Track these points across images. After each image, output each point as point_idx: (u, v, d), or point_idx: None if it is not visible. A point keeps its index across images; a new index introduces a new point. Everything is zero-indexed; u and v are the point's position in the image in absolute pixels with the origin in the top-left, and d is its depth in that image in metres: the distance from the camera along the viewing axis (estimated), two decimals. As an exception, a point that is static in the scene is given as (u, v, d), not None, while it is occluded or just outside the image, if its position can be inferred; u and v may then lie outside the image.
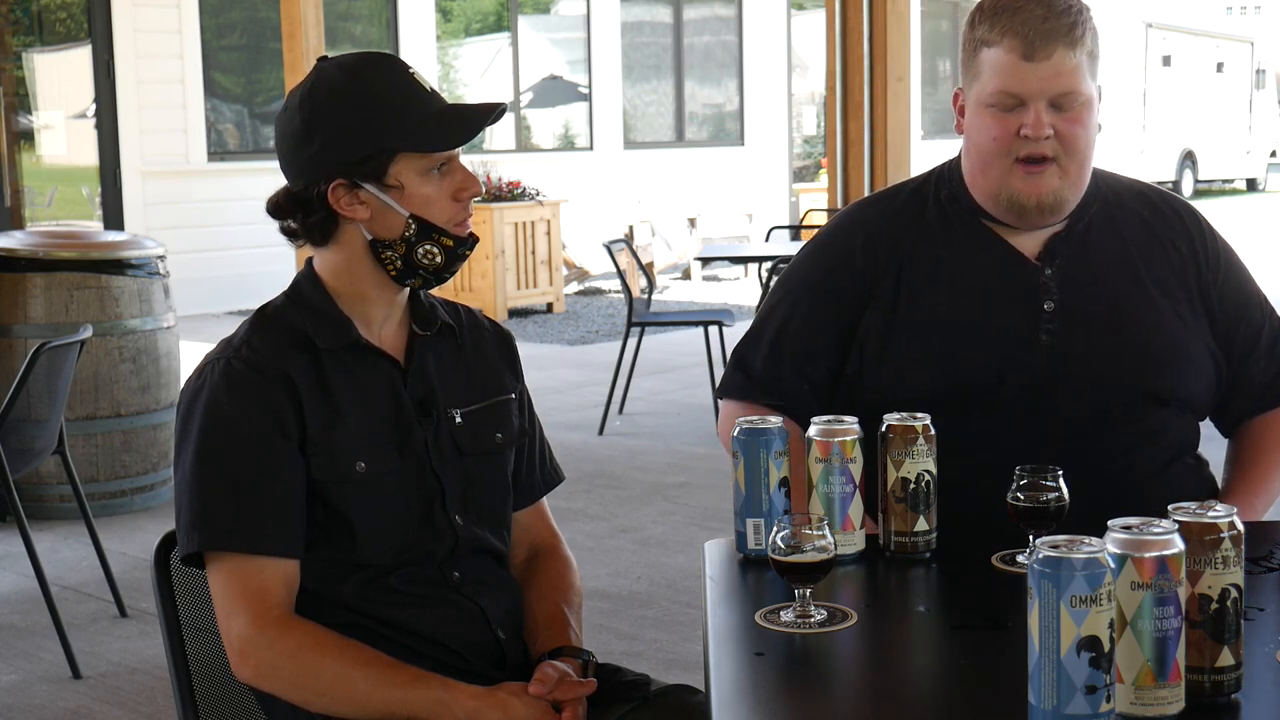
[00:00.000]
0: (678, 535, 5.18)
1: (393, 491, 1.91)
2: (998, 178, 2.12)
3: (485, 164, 11.67)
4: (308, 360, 1.90)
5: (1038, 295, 2.15)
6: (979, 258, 2.18)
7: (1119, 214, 2.22)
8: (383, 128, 1.85)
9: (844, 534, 1.93)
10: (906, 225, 2.23)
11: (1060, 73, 2.05)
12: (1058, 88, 2.06)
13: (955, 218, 2.21)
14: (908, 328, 2.17)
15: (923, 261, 2.20)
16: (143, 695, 3.76)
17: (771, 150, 16.15)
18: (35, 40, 11.04)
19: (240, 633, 1.81)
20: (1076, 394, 2.12)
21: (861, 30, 7.08)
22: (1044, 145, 2.07)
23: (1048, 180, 2.10)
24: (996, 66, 2.07)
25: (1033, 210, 2.12)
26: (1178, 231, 2.23)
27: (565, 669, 1.87)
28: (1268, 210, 22.85)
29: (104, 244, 5.52)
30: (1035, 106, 2.06)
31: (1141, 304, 2.16)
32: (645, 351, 7.88)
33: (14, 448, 4.00)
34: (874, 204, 2.33)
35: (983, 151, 2.13)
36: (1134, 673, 1.39)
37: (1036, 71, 2.05)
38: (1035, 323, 2.14)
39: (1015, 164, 2.09)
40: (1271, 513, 2.30)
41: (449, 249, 1.91)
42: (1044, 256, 2.17)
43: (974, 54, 2.12)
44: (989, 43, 2.09)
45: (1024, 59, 2.05)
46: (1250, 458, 2.26)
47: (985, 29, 2.09)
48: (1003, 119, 2.09)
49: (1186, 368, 2.16)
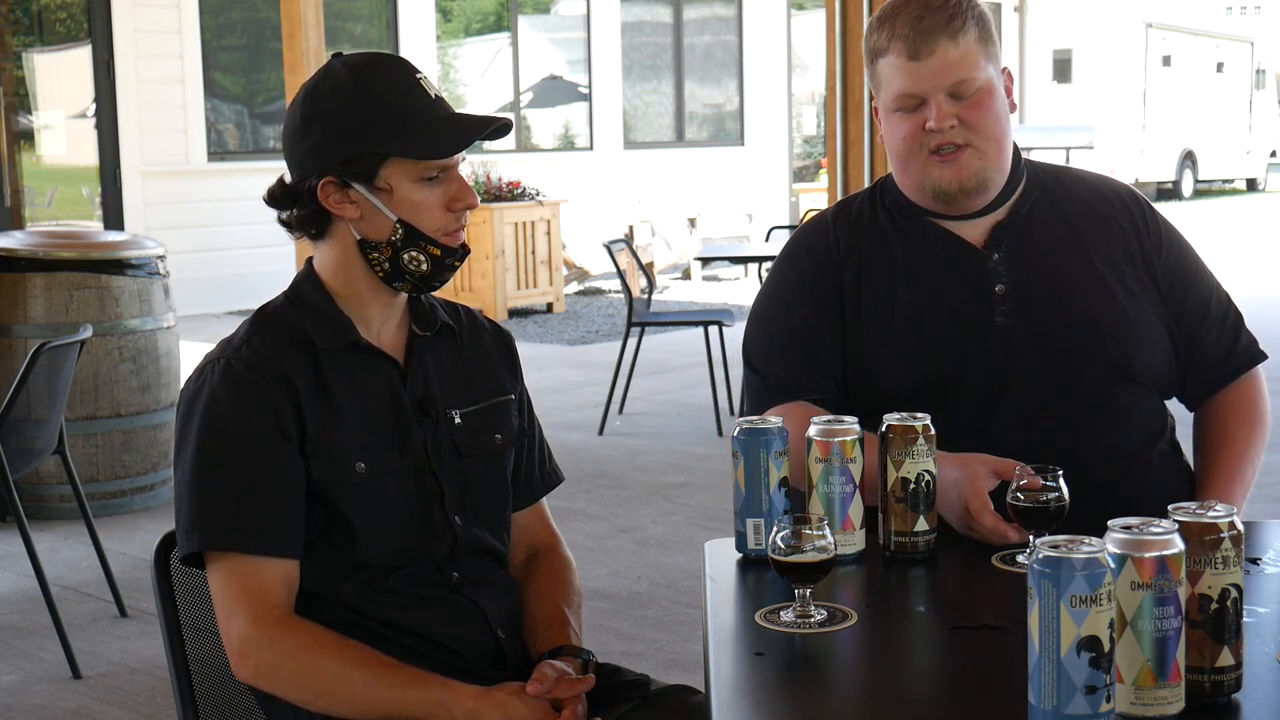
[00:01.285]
0: (678, 535, 5.18)
1: (392, 492, 1.91)
2: (917, 172, 2.21)
3: (485, 164, 11.67)
4: (307, 360, 1.90)
5: (988, 279, 2.22)
6: (929, 251, 2.26)
7: (1060, 198, 2.30)
8: (375, 130, 1.85)
9: (844, 534, 1.93)
10: (862, 227, 2.32)
11: (948, 64, 2.14)
12: (950, 79, 2.15)
13: (901, 219, 2.29)
14: (875, 322, 2.24)
15: (880, 259, 2.27)
16: (143, 695, 3.76)
17: (771, 150, 16.15)
18: (35, 40, 11.04)
19: (240, 633, 1.81)
20: (1039, 373, 2.18)
21: (861, 30, 7.08)
22: (951, 135, 2.16)
23: (966, 163, 2.18)
24: (891, 72, 2.18)
25: (957, 194, 2.20)
26: (1118, 210, 2.30)
27: (564, 668, 1.87)
28: (1268, 210, 22.85)
29: (104, 244, 5.52)
30: (934, 100, 2.15)
31: (1091, 279, 2.23)
32: (645, 351, 7.88)
33: (14, 448, 4.00)
34: (831, 212, 2.40)
35: (898, 152, 2.22)
36: (1134, 673, 1.39)
37: (926, 68, 2.15)
38: (989, 306, 2.21)
39: (930, 156, 2.18)
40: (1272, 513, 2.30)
41: (436, 258, 1.90)
42: (990, 243, 2.24)
43: (873, 64, 2.23)
44: (881, 51, 2.20)
45: (911, 59, 2.15)
46: (1219, 443, 2.28)
47: (875, 38, 2.21)
48: (908, 119, 2.18)
49: (1142, 335, 2.22)
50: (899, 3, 2.20)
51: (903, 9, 2.17)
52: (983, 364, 2.18)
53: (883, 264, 2.26)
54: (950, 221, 2.25)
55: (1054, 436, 2.14)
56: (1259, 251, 15.90)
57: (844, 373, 2.25)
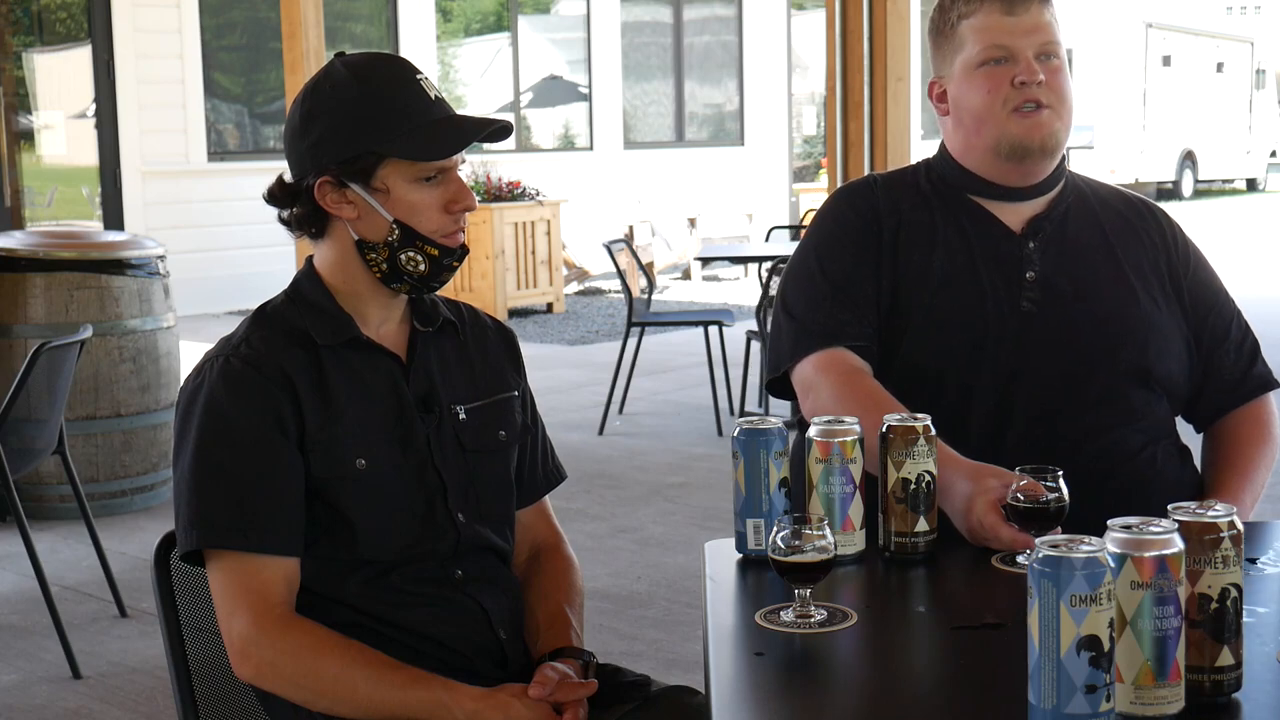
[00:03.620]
0: (678, 535, 5.18)
1: (394, 488, 1.91)
2: (996, 130, 2.23)
3: (485, 164, 11.67)
4: (307, 358, 1.89)
5: (1020, 265, 2.25)
6: (969, 227, 2.28)
7: (1095, 204, 2.34)
8: (372, 130, 1.85)
9: (844, 534, 1.93)
10: (903, 192, 2.35)
11: (1040, 25, 2.22)
12: (1041, 38, 2.21)
13: (947, 193, 2.32)
14: (907, 285, 2.26)
15: (919, 225, 2.30)
16: (143, 695, 3.76)
17: (771, 150, 16.15)
18: (35, 40, 11.04)
19: (241, 631, 1.81)
20: (1055, 364, 2.19)
21: (861, 30, 7.07)
22: (1038, 91, 2.20)
23: (1046, 121, 2.22)
24: (981, 28, 2.22)
25: (1036, 151, 2.23)
26: (1150, 224, 2.35)
27: (566, 670, 1.86)
28: (1268, 210, 22.85)
29: (104, 244, 5.52)
30: (1025, 56, 2.20)
31: (1119, 283, 2.26)
32: (645, 351, 7.88)
33: (14, 448, 4.00)
34: (878, 175, 2.45)
35: (977, 111, 2.24)
36: (1134, 672, 1.39)
37: (1020, 24, 2.21)
38: (1017, 290, 2.23)
39: (1012, 113, 2.21)
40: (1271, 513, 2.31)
41: (434, 258, 1.90)
42: (1027, 231, 2.27)
43: (952, 32, 2.26)
44: (967, 14, 2.24)
45: (1006, 14, 2.21)
46: (1233, 451, 2.29)
47: (961, 5, 2.25)
48: (994, 74, 2.21)
49: (1162, 346, 2.24)
50: None
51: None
52: (1003, 346, 2.20)
53: (922, 230, 2.29)
54: (993, 203, 2.28)
55: (1063, 429, 2.16)
56: (1259, 251, 15.89)
57: (879, 324, 2.25)
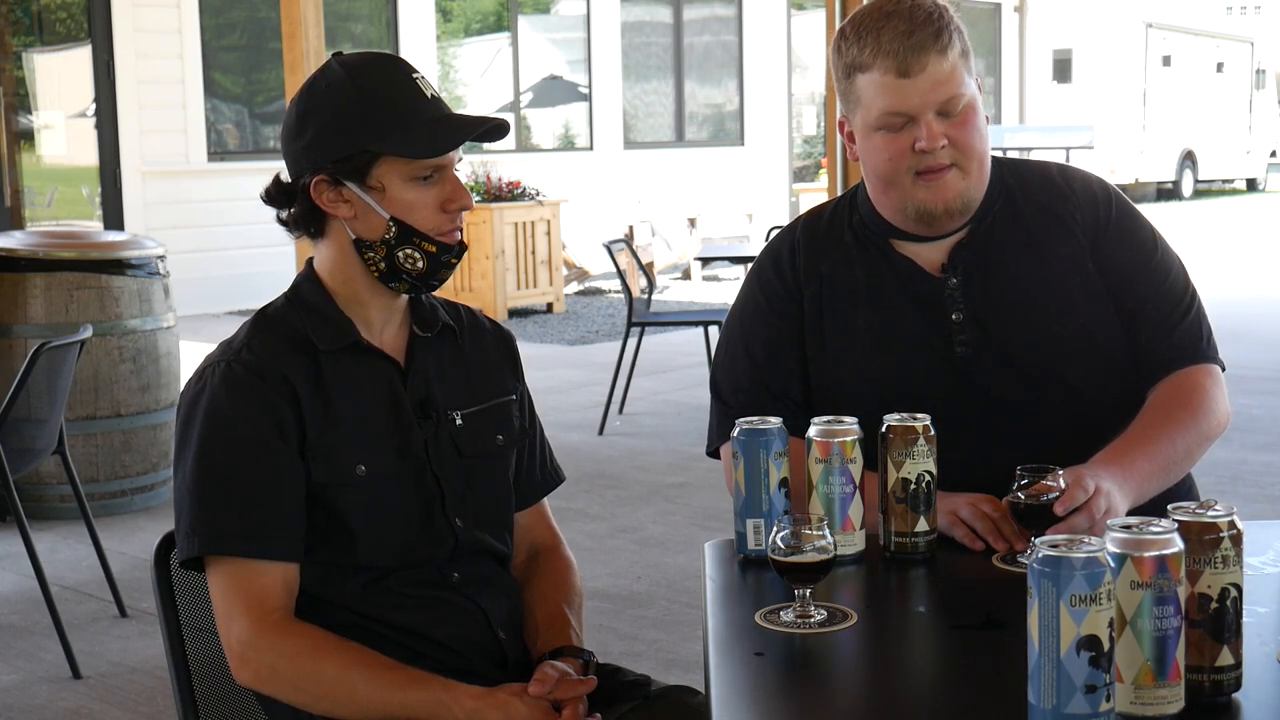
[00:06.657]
0: (678, 535, 5.18)
1: (392, 494, 1.91)
2: (901, 194, 2.13)
3: (485, 164, 11.67)
4: (307, 363, 1.89)
5: (944, 307, 2.17)
6: (890, 277, 2.20)
7: (1020, 202, 2.22)
8: (366, 129, 1.85)
9: (844, 534, 1.93)
10: (827, 248, 2.26)
11: (938, 82, 2.06)
12: (940, 96, 2.07)
13: (867, 240, 2.24)
14: (835, 350, 2.20)
15: (842, 283, 2.22)
16: (143, 695, 3.76)
17: (771, 150, 16.16)
18: (35, 40, 11.04)
19: (240, 636, 1.81)
20: (1002, 399, 2.13)
21: (861, 30, 7.07)
22: (940, 155, 2.09)
23: (951, 184, 2.11)
24: (876, 89, 2.08)
25: (942, 216, 2.14)
26: (1074, 205, 2.22)
27: (565, 669, 1.86)
28: (1268, 210, 22.85)
29: (104, 244, 5.52)
30: (924, 119, 2.07)
31: (1050, 292, 2.16)
32: (645, 351, 7.88)
33: (14, 448, 4.00)
34: (800, 224, 2.34)
35: (881, 173, 2.14)
36: (1134, 672, 1.39)
37: (916, 86, 2.06)
38: (947, 335, 2.16)
39: (916, 177, 2.11)
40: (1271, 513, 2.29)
41: (432, 255, 1.90)
42: (947, 268, 2.18)
43: (849, 80, 2.12)
44: (862, 67, 2.09)
45: (900, 76, 2.06)
46: (1138, 420, 2.12)
47: (855, 53, 2.10)
48: (894, 139, 2.10)
49: (1104, 344, 2.15)
50: (877, 14, 2.08)
51: (886, 23, 2.07)
52: (944, 393, 2.13)
53: (845, 288, 2.21)
54: (913, 244, 2.20)
55: (1022, 458, 1.99)
56: (1259, 251, 15.89)
57: (806, 397, 2.21)
